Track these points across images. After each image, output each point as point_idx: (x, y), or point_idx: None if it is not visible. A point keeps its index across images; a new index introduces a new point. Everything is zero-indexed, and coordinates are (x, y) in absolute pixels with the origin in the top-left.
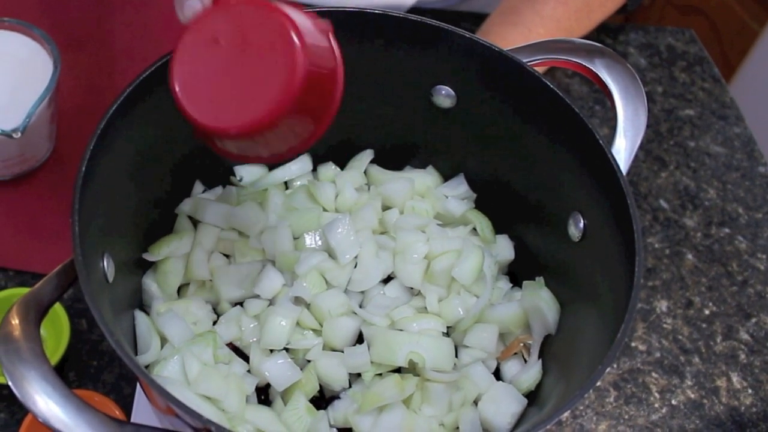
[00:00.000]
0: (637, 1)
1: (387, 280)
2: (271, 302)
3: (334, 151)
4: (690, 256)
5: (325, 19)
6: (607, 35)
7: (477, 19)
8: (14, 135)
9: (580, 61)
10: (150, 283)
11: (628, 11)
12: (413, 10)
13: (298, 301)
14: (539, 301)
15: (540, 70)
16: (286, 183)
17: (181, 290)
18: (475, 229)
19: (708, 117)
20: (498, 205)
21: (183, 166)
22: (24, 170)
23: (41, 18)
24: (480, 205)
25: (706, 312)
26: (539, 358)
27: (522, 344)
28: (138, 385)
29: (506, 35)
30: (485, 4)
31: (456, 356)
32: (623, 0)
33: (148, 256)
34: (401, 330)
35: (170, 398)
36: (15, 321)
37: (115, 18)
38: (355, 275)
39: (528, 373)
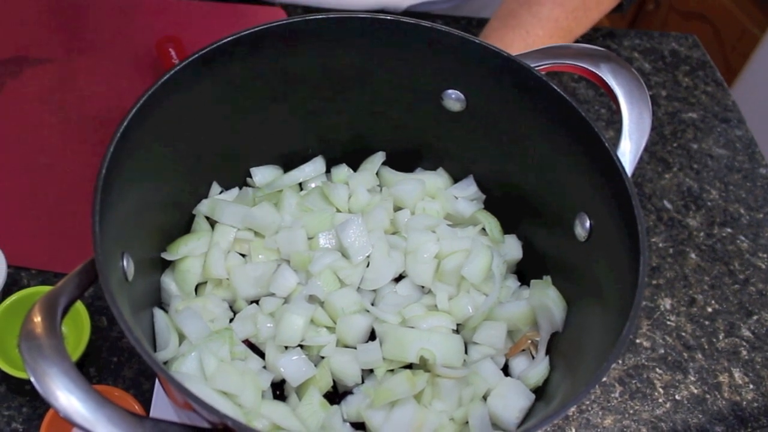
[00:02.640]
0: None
1: (399, 279)
2: (286, 300)
3: (347, 153)
4: (693, 255)
5: None
6: (613, 41)
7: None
8: None
9: (586, 66)
10: (168, 281)
11: (624, 10)
12: (407, 13)
13: (312, 299)
14: (546, 299)
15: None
16: (300, 184)
17: (198, 289)
18: (484, 229)
19: (710, 120)
20: (506, 206)
21: (200, 168)
22: None
23: (61, 25)
24: (489, 206)
25: (709, 309)
26: (546, 354)
27: (530, 341)
28: (157, 380)
29: (505, 38)
30: (478, 8)
31: (465, 353)
32: None
33: (167, 256)
34: (412, 327)
35: (188, 394)
36: (37, 318)
37: (135, 23)
38: (368, 274)
39: (535, 369)
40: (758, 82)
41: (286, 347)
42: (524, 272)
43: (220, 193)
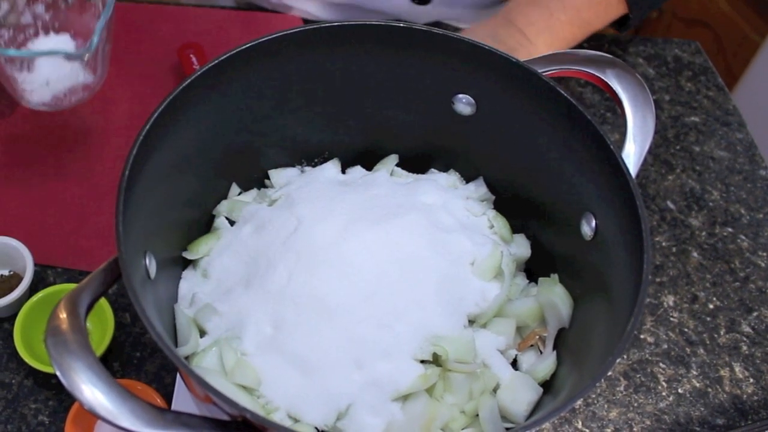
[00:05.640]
0: (642, 16)
1: None
2: None
3: (361, 156)
4: (695, 254)
5: None
6: (618, 47)
7: None
8: (84, 57)
9: (592, 72)
10: None
11: (631, 26)
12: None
13: None
14: (554, 296)
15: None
16: None
17: None
18: (493, 227)
19: (712, 123)
20: (515, 206)
21: (220, 170)
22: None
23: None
24: (498, 206)
25: (711, 306)
26: (554, 349)
27: (538, 337)
28: (178, 375)
29: (529, 15)
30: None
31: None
32: None
33: (188, 255)
34: None
35: (208, 387)
36: (63, 315)
37: (158, 32)
38: None
39: (543, 363)
40: (758, 86)
41: None
42: (532, 270)
43: (239, 194)
